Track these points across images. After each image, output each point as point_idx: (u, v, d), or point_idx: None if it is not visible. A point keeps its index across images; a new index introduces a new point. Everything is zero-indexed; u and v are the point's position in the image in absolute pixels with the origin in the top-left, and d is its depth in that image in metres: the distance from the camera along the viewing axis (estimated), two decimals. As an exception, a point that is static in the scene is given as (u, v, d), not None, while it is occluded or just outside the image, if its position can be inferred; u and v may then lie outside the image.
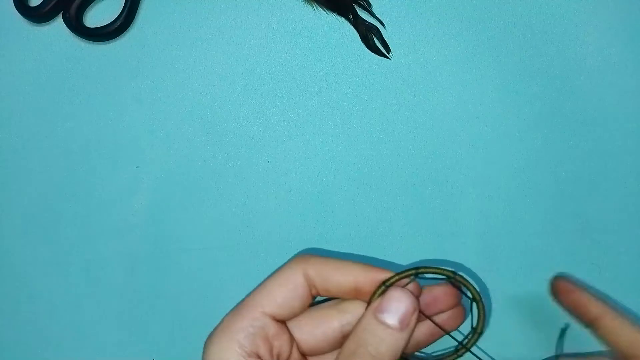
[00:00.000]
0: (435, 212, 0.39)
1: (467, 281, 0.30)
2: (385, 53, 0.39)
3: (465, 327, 0.32)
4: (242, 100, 0.40)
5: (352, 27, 0.40)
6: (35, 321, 0.39)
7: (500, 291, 0.38)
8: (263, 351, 0.29)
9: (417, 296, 0.29)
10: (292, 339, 0.30)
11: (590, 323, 0.33)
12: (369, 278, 0.30)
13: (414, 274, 0.30)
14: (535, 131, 0.39)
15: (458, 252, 0.38)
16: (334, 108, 0.39)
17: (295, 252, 0.39)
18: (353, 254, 0.38)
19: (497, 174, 0.39)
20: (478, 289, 0.31)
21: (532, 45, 0.39)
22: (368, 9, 0.39)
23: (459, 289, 0.31)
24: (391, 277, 0.29)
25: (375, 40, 0.39)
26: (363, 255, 0.38)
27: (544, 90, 0.39)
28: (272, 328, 0.29)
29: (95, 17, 0.40)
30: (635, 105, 0.39)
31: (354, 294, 0.30)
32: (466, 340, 0.31)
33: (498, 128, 0.39)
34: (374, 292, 0.29)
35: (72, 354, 0.38)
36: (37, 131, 0.40)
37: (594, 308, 0.33)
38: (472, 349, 0.31)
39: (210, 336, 0.30)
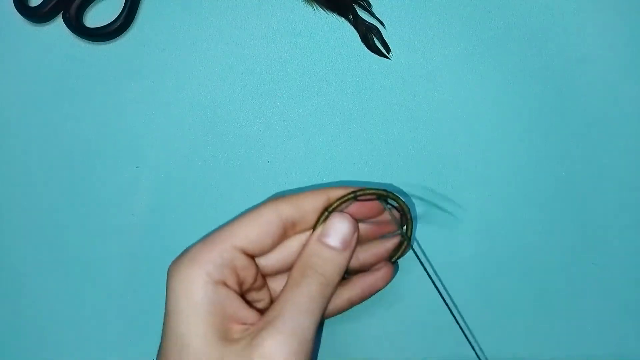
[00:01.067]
0: (435, 212, 0.39)
1: (400, 198, 0.34)
2: (385, 53, 0.39)
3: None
4: (242, 100, 0.40)
5: (352, 27, 0.40)
6: (35, 321, 0.39)
7: (500, 291, 0.38)
8: (231, 281, 0.30)
9: (356, 218, 0.32)
10: (257, 268, 0.32)
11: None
12: (338, 194, 0.32)
13: (353, 197, 0.32)
14: (535, 131, 0.39)
15: (458, 252, 0.38)
16: (334, 108, 0.39)
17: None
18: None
19: (497, 174, 0.39)
20: (408, 205, 0.34)
21: (532, 45, 0.39)
22: (368, 9, 0.39)
23: (392, 205, 0.34)
24: (332, 204, 0.32)
25: (375, 40, 0.39)
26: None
27: (544, 90, 0.39)
28: (241, 261, 0.31)
29: (95, 17, 0.40)
30: (635, 105, 0.39)
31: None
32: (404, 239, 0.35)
33: (498, 128, 0.39)
34: (318, 219, 0.32)
35: (72, 354, 0.38)
36: (37, 131, 0.40)
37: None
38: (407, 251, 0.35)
39: (177, 263, 0.31)
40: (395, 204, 0.34)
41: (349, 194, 0.32)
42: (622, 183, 0.39)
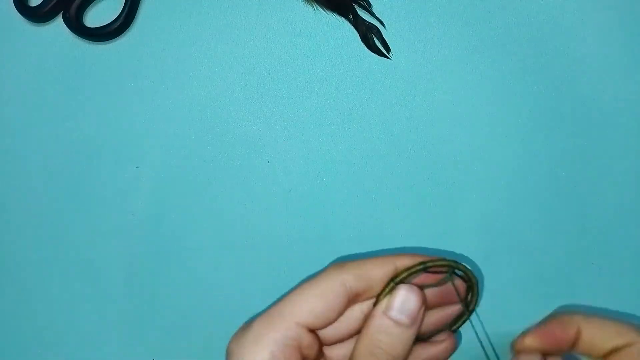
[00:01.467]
0: (435, 212, 0.39)
1: (468, 269, 0.32)
2: (385, 53, 0.39)
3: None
4: (242, 100, 0.40)
5: (352, 27, 0.40)
6: (35, 321, 0.39)
7: (500, 291, 0.38)
8: (294, 359, 0.29)
9: (422, 290, 0.30)
10: (321, 343, 0.30)
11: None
12: (407, 264, 0.31)
13: (422, 269, 0.31)
14: (535, 131, 0.39)
15: (458, 252, 0.38)
16: (334, 108, 0.39)
17: (295, 252, 0.39)
18: (353, 254, 0.38)
19: (497, 174, 0.39)
20: (476, 276, 0.32)
21: (532, 45, 0.39)
22: (368, 9, 0.39)
23: (462, 277, 0.32)
24: (399, 274, 0.30)
25: (375, 40, 0.39)
26: (365, 255, 0.38)
27: (544, 90, 0.39)
28: (306, 339, 0.29)
29: (95, 17, 0.40)
30: (635, 105, 0.39)
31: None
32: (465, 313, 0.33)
33: (498, 128, 0.39)
34: (383, 290, 0.30)
35: (72, 354, 0.38)
36: (37, 131, 0.40)
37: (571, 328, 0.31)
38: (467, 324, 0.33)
39: (239, 341, 0.29)
40: (463, 275, 0.32)
41: (418, 264, 0.31)
42: (622, 183, 0.39)
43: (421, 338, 0.32)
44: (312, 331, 0.30)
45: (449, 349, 0.32)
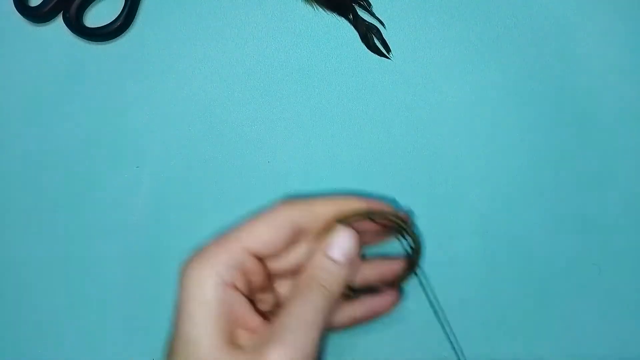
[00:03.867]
0: (435, 212, 0.39)
1: (415, 234, 0.34)
2: (385, 53, 0.39)
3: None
4: (242, 100, 0.40)
5: (352, 27, 0.40)
6: (35, 321, 0.39)
7: (500, 291, 0.38)
8: (240, 284, 0.31)
9: (358, 234, 0.32)
10: (266, 271, 0.32)
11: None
12: (351, 207, 0.33)
13: (367, 217, 0.33)
14: (535, 131, 0.39)
15: (457, 252, 0.38)
16: (334, 108, 0.39)
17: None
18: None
19: (497, 173, 0.39)
20: (418, 237, 0.34)
21: (532, 45, 0.39)
22: (368, 9, 0.39)
23: (402, 234, 0.34)
24: (343, 216, 0.33)
25: (375, 40, 0.39)
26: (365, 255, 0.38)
27: (544, 90, 0.39)
28: (251, 263, 0.31)
29: (95, 17, 0.40)
30: (635, 105, 0.39)
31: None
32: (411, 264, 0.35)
33: (498, 128, 0.39)
34: (326, 229, 0.32)
35: (72, 354, 0.38)
36: (37, 131, 0.40)
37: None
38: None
39: (188, 262, 0.31)
40: (408, 236, 0.34)
41: (364, 213, 0.33)
42: (623, 183, 0.38)
43: (368, 290, 0.34)
44: (259, 259, 0.32)
45: (392, 300, 0.35)
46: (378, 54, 0.39)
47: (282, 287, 0.34)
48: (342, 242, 0.32)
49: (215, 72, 0.40)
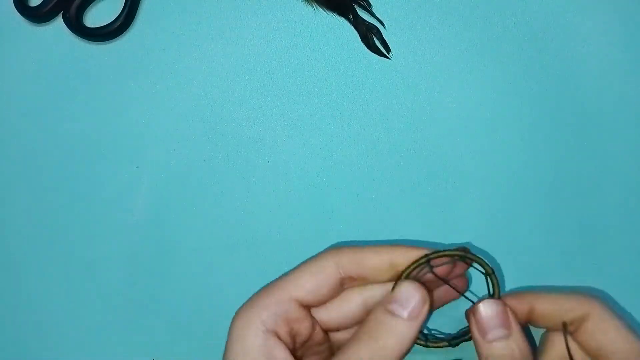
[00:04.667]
0: (435, 212, 0.39)
1: (479, 257, 0.31)
2: (385, 53, 0.39)
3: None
4: (242, 100, 0.40)
5: (352, 27, 0.40)
6: (35, 321, 0.39)
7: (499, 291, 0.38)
8: (282, 332, 0.30)
9: (425, 286, 0.30)
10: (314, 322, 0.32)
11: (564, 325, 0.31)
12: (403, 256, 0.31)
13: (425, 262, 0.31)
14: (535, 131, 0.39)
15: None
16: (334, 108, 0.39)
17: (295, 252, 0.38)
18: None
19: (497, 173, 0.39)
20: (490, 264, 0.31)
21: (532, 45, 0.39)
22: (368, 9, 0.39)
23: (471, 265, 0.32)
24: (406, 268, 0.31)
25: (375, 40, 0.39)
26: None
27: (544, 90, 0.39)
28: (296, 312, 0.31)
29: (95, 17, 0.40)
30: (635, 105, 0.39)
31: (391, 275, 0.31)
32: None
33: (498, 128, 0.39)
34: (395, 283, 0.31)
35: (72, 354, 0.38)
36: (37, 131, 0.40)
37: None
38: None
39: (238, 310, 0.31)
40: (477, 264, 0.31)
41: (421, 258, 0.31)
42: (623, 183, 0.38)
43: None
44: (306, 307, 0.31)
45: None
46: (378, 54, 0.39)
47: (340, 337, 0.33)
48: (407, 296, 0.30)
49: (215, 72, 0.40)
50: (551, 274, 0.38)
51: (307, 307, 0.32)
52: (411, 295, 0.30)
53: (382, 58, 0.39)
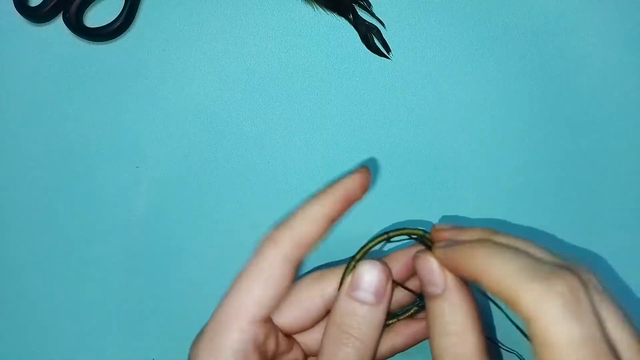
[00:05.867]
0: (435, 212, 0.39)
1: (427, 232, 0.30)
2: (385, 53, 0.39)
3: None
4: (242, 100, 0.40)
5: (352, 27, 0.40)
6: (35, 321, 0.39)
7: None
8: (253, 358, 0.27)
9: (386, 264, 0.28)
10: (277, 331, 0.29)
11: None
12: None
13: (385, 239, 0.29)
14: (535, 131, 0.39)
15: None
16: (334, 108, 0.39)
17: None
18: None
19: (497, 173, 0.39)
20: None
21: (532, 45, 0.39)
22: (368, 9, 0.39)
23: (430, 247, 0.29)
24: (359, 250, 0.28)
25: (375, 40, 0.39)
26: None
27: (544, 90, 0.39)
28: (262, 334, 0.27)
29: (95, 17, 0.40)
30: (635, 105, 0.39)
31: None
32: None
33: (498, 128, 0.39)
34: (345, 269, 0.28)
35: (72, 354, 0.38)
36: (37, 131, 0.40)
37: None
38: None
39: (197, 349, 0.27)
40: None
41: (381, 235, 0.28)
42: (623, 183, 0.39)
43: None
44: (267, 320, 0.28)
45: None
46: (378, 54, 0.39)
47: (306, 337, 0.30)
48: (367, 278, 0.27)
49: (215, 72, 0.40)
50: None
51: (269, 320, 0.28)
52: (373, 276, 0.27)
53: (382, 58, 0.40)
